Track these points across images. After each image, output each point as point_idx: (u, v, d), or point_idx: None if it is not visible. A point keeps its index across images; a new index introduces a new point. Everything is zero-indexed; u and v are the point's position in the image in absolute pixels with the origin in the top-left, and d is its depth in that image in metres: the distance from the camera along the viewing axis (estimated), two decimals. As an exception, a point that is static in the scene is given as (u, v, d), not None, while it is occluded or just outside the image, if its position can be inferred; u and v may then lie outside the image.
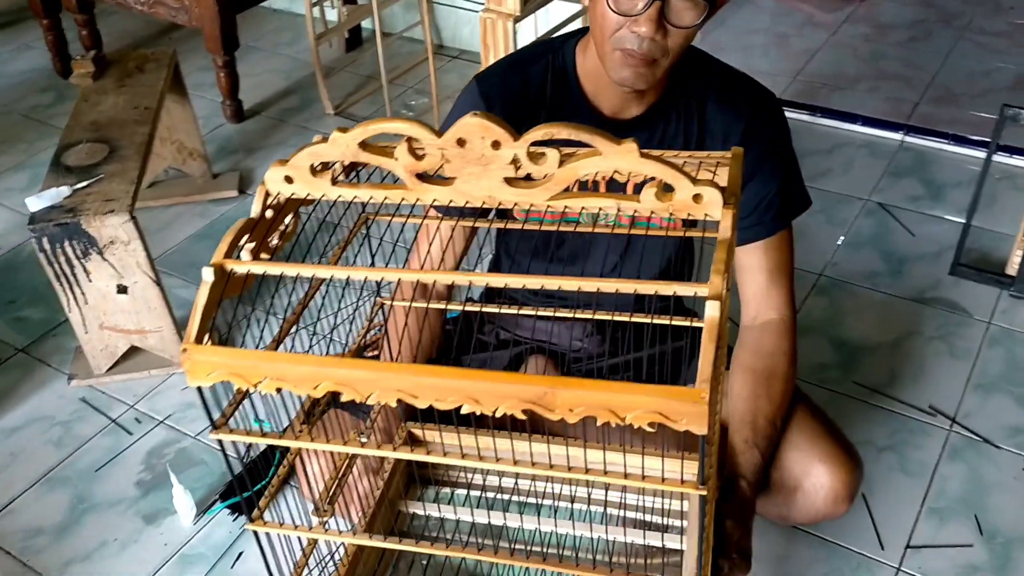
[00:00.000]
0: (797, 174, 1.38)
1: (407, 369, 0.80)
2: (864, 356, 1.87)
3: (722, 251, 0.83)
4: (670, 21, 1.15)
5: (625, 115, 1.31)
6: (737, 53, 2.98)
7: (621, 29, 1.16)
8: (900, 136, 2.54)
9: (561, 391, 0.76)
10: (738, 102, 1.32)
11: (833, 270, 2.10)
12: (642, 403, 0.75)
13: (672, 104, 1.30)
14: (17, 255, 2.25)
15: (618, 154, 0.83)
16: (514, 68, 1.36)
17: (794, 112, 2.66)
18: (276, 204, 0.92)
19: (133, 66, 2.18)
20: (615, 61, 1.19)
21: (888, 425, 1.72)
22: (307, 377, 0.80)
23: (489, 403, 0.78)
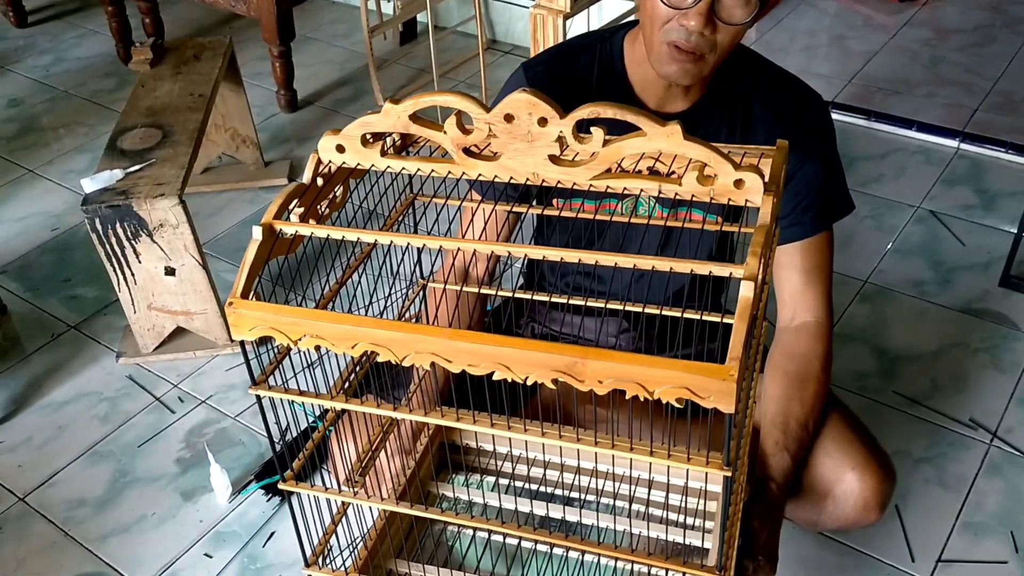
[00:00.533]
0: (840, 177, 1.37)
1: (442, 332, 0.80)
2: (906, 365, 1.84)
3: (760, 235, 0.82)
4: (720, 17, 1.14)
5: (670, 109, 1.31)
6: (792, 54, 2.94)
7: (670, 22, 1.16)
8: (956, 143, 2.48)
9: (591, 361, 0.76)
10: (784, 103, 1.31)
11: (879, 277, 2.07)
12: (670, 377, 0.75)
13: (718, 101, 1.30)
14: (74, 235, 2.32)
15: (663, 135, 0.84)
16: (562, 56, 1.36)
17: (848, 116, 2.62)
18: (327, 173, 0.94)
19: (190, 54, 2.23)
20: (662, 55, 1.19)
21: (927, 437, 1.69)
22: (345, 336, 0.82)
23: (520, 369, 0.78)
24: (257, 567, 1.52)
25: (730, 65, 1.29)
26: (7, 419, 1.83)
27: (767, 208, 0.85)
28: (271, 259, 0.88)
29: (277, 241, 0.88)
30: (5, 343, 2.01)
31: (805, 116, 1.31)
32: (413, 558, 1.15)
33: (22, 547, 1.58)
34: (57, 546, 1.57)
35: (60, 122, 2.85)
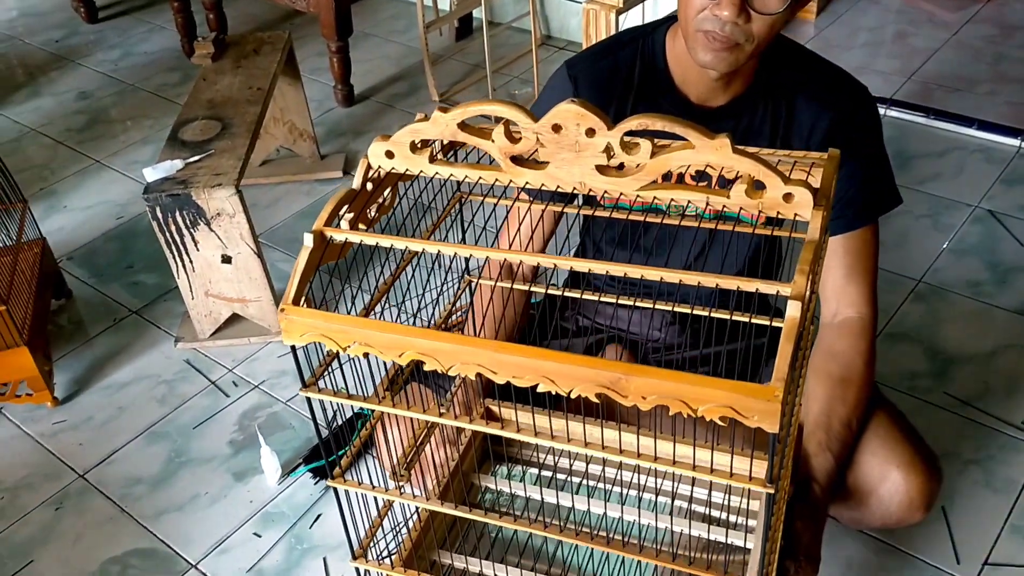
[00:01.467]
0: (886, 171, 1.35)
1: (488, 345, 0.83)
2: (958, 367, 1.82)
3: (809, 252, 0.82)
4: (753, 7, 1.14)
5: (712, 103, 1.31)
6: (852, 50, 2.90)
7: (704, 11, 1.17)
8: (1018, 142, 2.43)
9: (635, 378, 0.77)
10: (828, 95, 1.30)
11: (933, 276, 2.04)
12: (715, 396, 0.76)
13: (761, 94, 1.30)
14: (138, 223, 2.40)
15: (711, 148, 0.84)
16: (604, 53, 1.38)
17: (907, 113, 2.58)
18: (376, 178, 0.97)
19: (250, 48, 2.29)
20: (698, 42, 1.20)
21: (977, 439, 1.67)
22: (393, 344, 0.84)
23: (564, 383, 0.80)
24: (304, 547, 1.56)
25: (775, 59, 1.29)
26: (70, 399, 1.90)
27: (816, 223, 0.84)
28: (322, 264, 0.91)
29: (328, 247, 0.91)
30: (70, 326, 2.09)
31: (851, 111, 1.30)
32: (457, 550, 1.17)
33: (80, 521, 1.64)
34: (113, 521, 1.63)
35: (126, 115, 2.94)
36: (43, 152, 2.76)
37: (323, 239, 0.90)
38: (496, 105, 0.86)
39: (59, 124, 2.90)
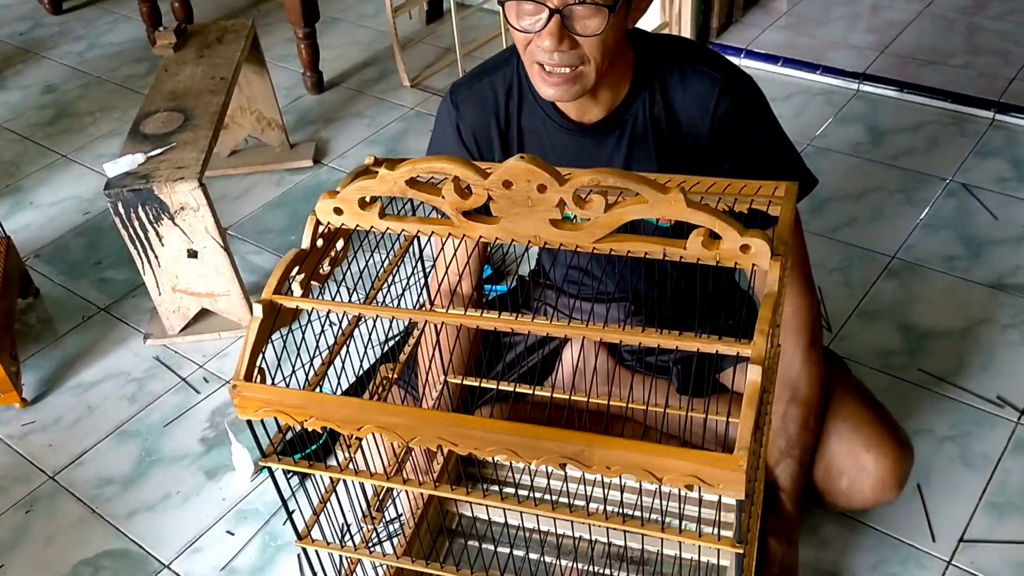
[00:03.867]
0: (791, 155, 1.33)
1: (448, 419, 0.82)
2: (932, 342, 1.81)
3: (768, 308, 0.81)
4: (576, 32, 1.11)
5: (589, 119, 1.28)
6: (825, 25, 2.88)
7: (530, 44, 1.14)
8: (991, 114, 2.42)
9: (598, 449, 0.77)
10: (707, 89, 1.26)
11: (907, 253, 2.03)
12: (679, 467, 0.75)
13: (636, 100, 1.27)
14: (104, 219, 2.36)
15: (665, 203, 0.83)
16: (482, 75, 1.35)
17: (880, 87, 2.56)
18: (326, 233, 0.95)
19: (213, 38, 2.25)
20: (536, 77, 1.17)
21: (952, 415, 1.66)
22: (351, 419, 0.83)
23: (528, 456, 0.79)
24: (277, 544, 1.55)
25: (647, 60, 1.26)
26: (39, 399, 1.87)
27: (775, 274, 0.83)
28: (274, 332, 0.88)
29: (280, 314, 0.89)
30: (38, 325, 2.06)
31: (733, 101, 1.26)
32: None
33: (51, 524, 1.62)
34: (85, 523, 1.61)
35: (93, 107, 2.89)
36: (9, 148, 2.71)
37: (273, 308, 0.88)
38: (445, 163, 0.85)
39: (25, 119, 2.86)
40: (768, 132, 1.31)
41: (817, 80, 2.64)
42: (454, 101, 1.34)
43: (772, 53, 2.73)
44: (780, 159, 1.31)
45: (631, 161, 1.31)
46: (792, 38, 2.82)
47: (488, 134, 1.34)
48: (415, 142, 2.56)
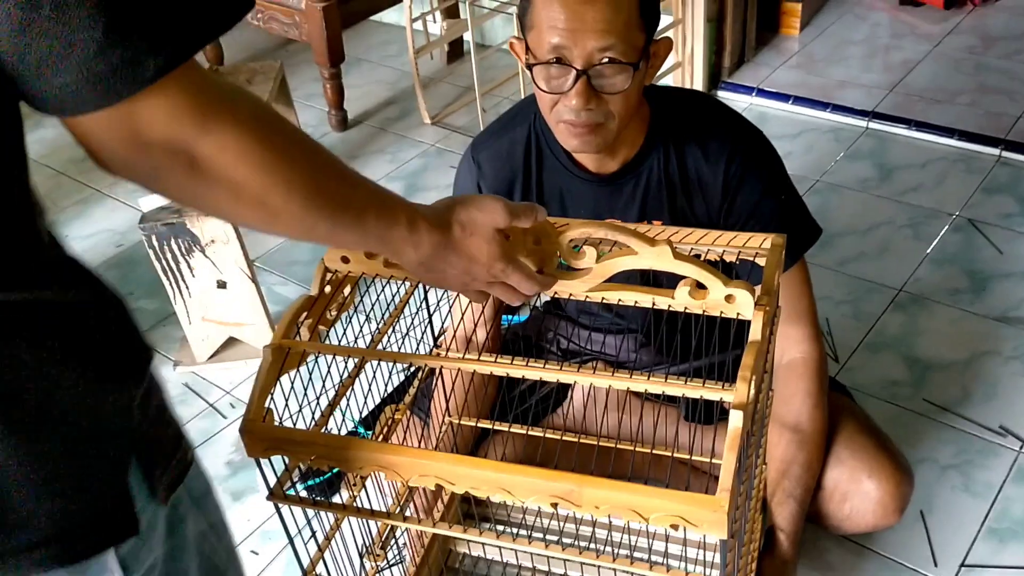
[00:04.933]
0: (798, 206, 1.39)
1: (446, 458, 0.85)
2: (937, 373, 1.86)
3: (751, 356, 0.84)
4: (602, 90, 1.19)
5: (606, 170, 1.35)
6: (835, 64, 2.96)
7: (558, 104, 1.21)
8: (997, 151, 2.48)
9: (588, 489, 0.80)
10: (720, 143, 1.33)
11: (914, 286, 2.08)
12: (664, 507, 0.78)
13: (651, 152, 1.34)
14: (136, 251, 2.45)
15: (653, 255, 0.90)
16: (502, 131, 1.43)
17: (889, 125, 2.63)
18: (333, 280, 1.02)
19: (244, 79, 2.35)
20: (561, 133, 1.25)
21: (955, 444, 1.71)
22: (355, 460, 0.86)
23: (521, 494, 0.83)
24: (299, 564, 1.61)
25: (663, 115, 1.34)
26: (73, 424, 1.95)
27: (758, 324, 0.88)
28: (283, 374, 0.92)
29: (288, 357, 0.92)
30: (72, 353, 2.14)
31: (745, 156, 1.32)
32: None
33: (84, 543, 1.69)
34: (116, 542, 1.68)
35: (126, 144, 3.00)
36: (45, 183, 2.82)
37: (281, 352, 0.92)
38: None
39: (61, 154, 2.97)
40: (777, 188, 1.37)
41: (827, 118, 2.71)
42: (476, 159, 1.42)
43: (783, 92, 2.80)
44: (788, 213, 1.37)
45: (645, 211, 1.38)
46: (803, 77, 2.89)
47: (510, 190, 1.41)
48: (434, 177, 2.65)
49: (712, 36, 2.85)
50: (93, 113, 0.57)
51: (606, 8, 1.15)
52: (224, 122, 0.62)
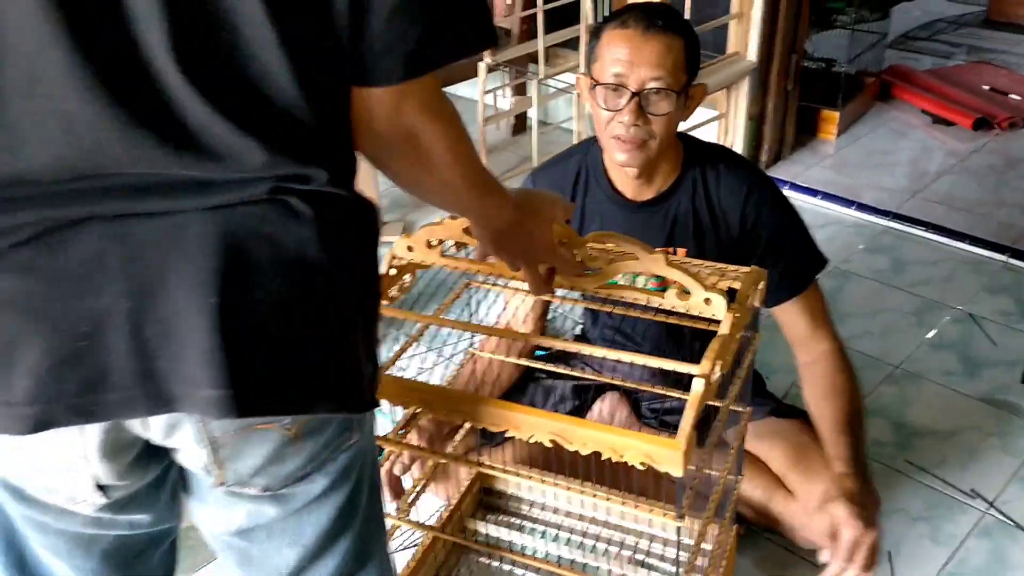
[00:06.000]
0: (808, 241, 1.66)
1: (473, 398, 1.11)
2: (920, 439, 2.05)
3: (716, 344, 1.09)
4: (649, 111, 1.50)
5: (642, 198, 1.65)
6: (863, 169, 3.22)
7: (611, 121, 1.51)
8: (1004, 257, 2.69)
9: (578, 429, 1.04)
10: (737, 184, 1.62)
11: (910, 364, 2.28)
12: (635, 446, 1.01)
13: (681, 186, 1.63)
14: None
15: (650, 260, 1.16)
16: (557, 163, 1.75)
17: (906, 225, 2.86)
18: (399, 265, 1.29)
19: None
20: (611, 146, 1.55)
21: (927, 499, 1.89)
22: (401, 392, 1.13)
23: (526, 430, 1.06)
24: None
25: (694, 158, 1.63)
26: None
27: (727, 324, 1.12)
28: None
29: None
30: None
31: (760, 198, 1.62)
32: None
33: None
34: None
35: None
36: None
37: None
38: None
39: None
40: (787, 223, 1.66)
41: (851, 214, 2.95)
42: (534, 180, 1.74)
43: (813, 187, 3.06)
44: (798, 245, 1.65)
45: (672, 238, 1.66)
46: (833, 177, 3.16)
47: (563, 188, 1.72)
48: (489, 232, 2.93)
49: (753, 133, 3.13)
50: (386, 87, 0.78)
51: (659, 47, 1.47)
52: (443, 119, 0.84)
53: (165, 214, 0.74)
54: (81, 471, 0.82)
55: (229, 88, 0.73)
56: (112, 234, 0.74)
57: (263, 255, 0.76)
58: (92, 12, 0.69)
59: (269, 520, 0.90)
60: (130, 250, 0.74)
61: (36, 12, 0.68)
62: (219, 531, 0.94)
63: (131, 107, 0.71)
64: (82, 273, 0.74)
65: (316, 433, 0.86)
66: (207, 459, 0.83)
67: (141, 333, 0.74)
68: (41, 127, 0.71)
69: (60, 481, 0.83)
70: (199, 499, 0.93)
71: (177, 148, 0.73)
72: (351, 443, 0.91)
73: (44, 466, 0.82)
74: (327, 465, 0.89)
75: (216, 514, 0.92)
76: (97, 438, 0.80)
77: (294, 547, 0.92)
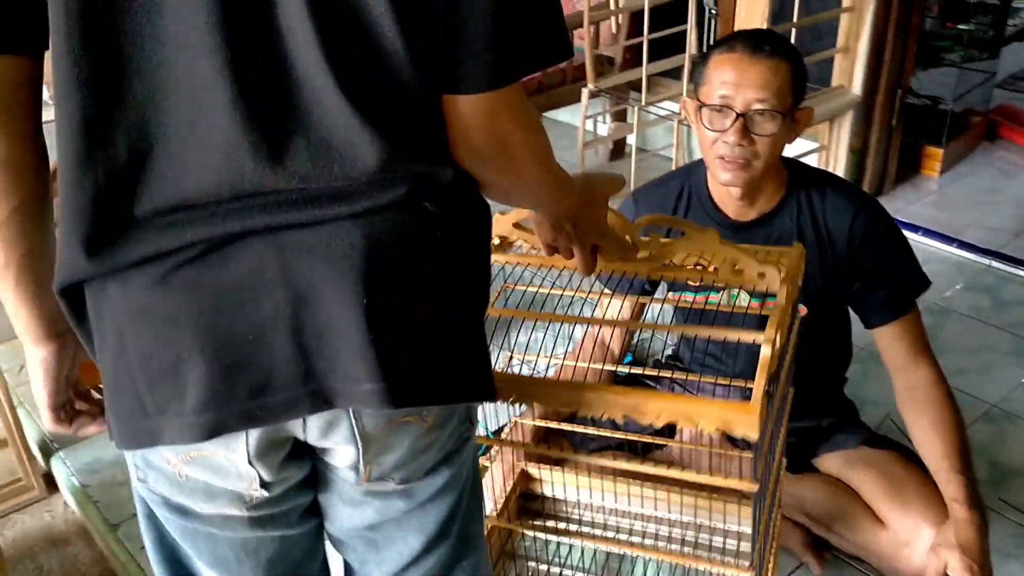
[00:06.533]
0: (914, 264, 1.67)
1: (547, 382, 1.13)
2: (1016, 479, 2.02)
3: (775, 315, 1.10)
4: (754, 132, 1.53)
5: (744, 219, 1.68)
6: (966, 207, 3.18)
7: (717, 141, 1.55)
8: (1111, 301, 2.63)
9: (651, 402, 1.04)
10: (844, 205, 1.63)
11: (1008, 404, 2.25)
12: (711, 413, 1.02)
13: (785, 208, 1.66)
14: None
15: (703, 239, 1.18)
16: (659, 184, 1.80)
17: (1008, 265, 2.82)
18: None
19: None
20: (716, 166, 1.58)
21: (1021, 539, 1.87)
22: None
23: (598, 408, 1.06)
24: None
25: (798, 181, 1.66)
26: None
27: (782, 296, 1.14)
28: None
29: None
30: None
31: (868, 219, 1.63)
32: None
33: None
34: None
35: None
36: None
37: None
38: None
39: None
40: (895, 245, 1.67)
41: (953, 252, 2.92)
42: (635, 198, 1.79)
43: (914, 223, 3.04)
44: (905, 266, 1.66)
45: None
46: (935, 214, 3.12)
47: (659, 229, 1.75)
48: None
49: (854, 166, 3.13)
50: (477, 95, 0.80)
51: (766, 70, 1.51)
52: (533, 124, 0.87)
53: (316, 224, 0.78)
54: (247, 473, 0.86)
55: (373, 96, 0.77)
56: (269, 247, 0.78)
57: (402, 257, 0.81)
58: (248, 41, 0.74)
59: (398, 513, 0.96)
60: (286, 260, 0.78)
61: (202, 54, 0.74)
62: (348, 528, 0.99)
63: (285, 129, 0.76)
64: (244, 285, 0.78)
65: (445, 424, 0.92)
66: (357, 455, 0.88)
67: (301, 337, 0.79)
68: (204, 156, 0.76)
69: (227, 484, 0.88)
70: (333, 499, 0.97)
71: (328, 162, 0.77)
72: (470, 433, 0.98)
73: (210, 474, 0.87)
74: (452, 456, 0.95)
75: (347, 512, 0.97)
76: (257, 439, 0.84)
77: (419, 535, 0.98)
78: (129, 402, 0.82)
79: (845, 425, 1.83)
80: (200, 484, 0.88)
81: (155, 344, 0.79)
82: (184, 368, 0.79)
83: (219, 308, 0.78)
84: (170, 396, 0.80)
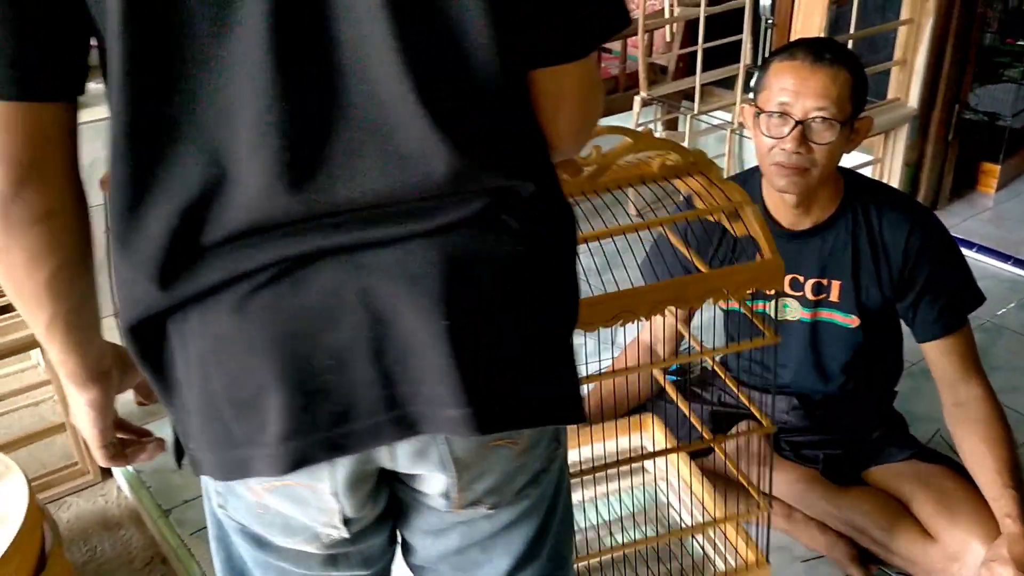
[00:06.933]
0: (964, 276, 1.65)
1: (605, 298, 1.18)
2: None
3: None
4: (812, 140, 1.52)
5: (799, 227, 1.68)
6: (1022, 224, 3.12)
7: (774, 148, 1.54)
8: None
9: (691, 284, 1.15)
10: (905, 220, 1.62)
11: (1062, 425, 2.21)
12: (741, 279, 1.13)
13: (840, 219, 1.65)
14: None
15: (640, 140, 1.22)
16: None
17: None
18: None
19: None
20: (772, 173, 1.58)
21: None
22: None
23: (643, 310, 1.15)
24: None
25: (854, 193, 1.65)
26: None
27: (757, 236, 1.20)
28: None
29: None
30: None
31: (926, 231, 1.62)
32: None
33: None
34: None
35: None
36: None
37: None
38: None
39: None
40: (951, 259, 1.66)
41: (1007, 269, 2.88)
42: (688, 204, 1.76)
43: (969, 239, 3.00)
44: (960, 281, 1.66)
45: (825, 269, 1.68)
46: (990, 231, 3.08)
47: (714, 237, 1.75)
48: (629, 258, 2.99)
49: (909, 180, 3.10)
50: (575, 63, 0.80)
51: (826, 79, 1.51)
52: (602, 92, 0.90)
53: (391, 242, 0.75)
54: (329, 506, 0.84)
55: (452, 104, 0.74)
56: (346, 267, 0.75)
57: (483, 275, 0.77)
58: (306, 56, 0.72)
59: (483, 537, 0.93)
60: (364, 281, 0.75)
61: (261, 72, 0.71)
62: (433, 555, 0.96)
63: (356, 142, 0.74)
64: (321, 309, 0.75)
65: (536, 446, 0.89)
66: (449, 482, 0.85)
67: (382, 361, 0.76)
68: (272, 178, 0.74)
69: (307, 518, 0.85)
70: (414, 530, 0.95)
71: (405, 179, 0.74)
72: (559, 454, 0.94)
73: (292, 506, 0.84)
74: (539, 477, 0.92)
75: (429, 541, 0.95)
76: (347, 470, 0.81)
77: (505, 557, 0.95)
78: (219, 432, 0.79)
79: (895, 438, 1.81)
80: (279, 517, 0.86)
81: (237, 372, 0.76)
82: (265, 397, 0.76)
83: (297, 334, 0.75)
84: (255, 426, 0.77)
